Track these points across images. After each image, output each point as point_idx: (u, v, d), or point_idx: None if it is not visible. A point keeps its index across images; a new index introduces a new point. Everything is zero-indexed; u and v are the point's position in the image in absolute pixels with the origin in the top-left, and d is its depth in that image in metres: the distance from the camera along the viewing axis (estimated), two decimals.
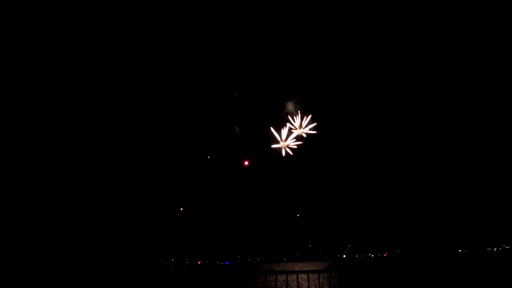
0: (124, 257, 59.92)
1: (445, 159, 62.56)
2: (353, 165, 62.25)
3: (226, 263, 66.29)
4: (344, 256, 66.31)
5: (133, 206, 60.47)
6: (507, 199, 62.22)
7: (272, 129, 43.07)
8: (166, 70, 59.01)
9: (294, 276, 22.95)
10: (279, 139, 43.79)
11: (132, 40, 56.99)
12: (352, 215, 65.20)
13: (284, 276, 15.52)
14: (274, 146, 43.66)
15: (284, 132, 43.80)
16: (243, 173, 58.34)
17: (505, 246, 70.68)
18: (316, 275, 19.09)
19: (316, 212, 64.20)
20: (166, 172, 60.37)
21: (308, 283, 15.26)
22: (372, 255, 67.19)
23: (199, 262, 62.42)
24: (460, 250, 69.67)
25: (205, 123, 58.33)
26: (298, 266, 62.00)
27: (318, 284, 14.68)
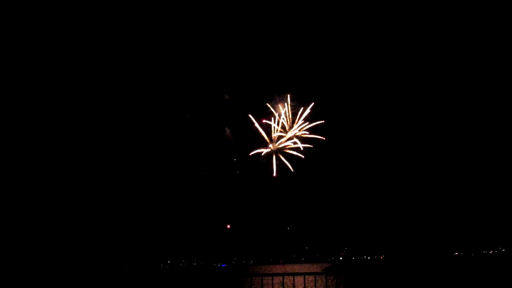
0: (120, 259, 59.72)
1: (440, 162, 62.74)
2: (350, 167, 62.09)
3: (223, 265, 66.12)
4: (341, 258, 66.52)
5: (129, 208, 60.37)
6: (503, 201, 62.52)
7: (259, 127, 41.67)
8: (157, 73, 59.02)
9: (290, 278, 23.10)
10: (267, 139, 42.32)
11: (122, 44, 56.95)
12: (348, 217, 65.11)
13: (280, 278, 15.67)
14: (258, 151, 42.31)
15: (276, 132, 42.31)
16: (237, 174, 58.18)
17: (502, 249, 70.98)
18: (313, 277, 19.21)
19: (313, 214, 63.89)
20: (161, 174, 60.39)
21: (304, 286, 15.33)
22: (369, 258, 67.40)
23: (193, 264, 62.21)
24: (456, 253, 70.08)
25: (196, 125, 59.04)
26: (294, 268, 61.64)
27: (314, 286, 14.82)
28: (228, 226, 56.23)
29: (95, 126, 59.27)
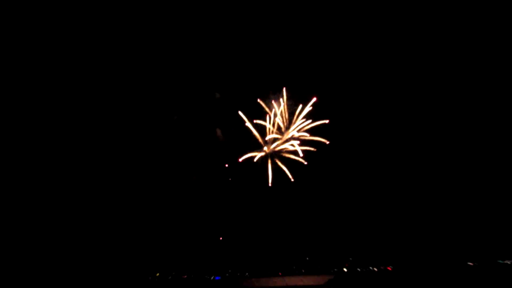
0: (103, 271, 55.73)
1: (453, 165, 58.11)
2: (354, 169, 57.72)
3: (216, 278, 61.90)
4: (345, 270, 62.58)
5: (112, 217, 56.37)
6: None
7: (251, 127, 37.45)
8: (145, 71, 54.67)
9: None
10: (261, 142, 38.40)
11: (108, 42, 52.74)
12: (353, 225, 60.71)
13: None
14: (250, 155, 38.37)
15: (271, 134, 38.13)
16: (230, 178, 54.04)
17: None
18: None
19: (314, 222, 59.36)
20: (147, 179, 56.33)
21: None
22: (376, 269, 63.45)
23: (184, 277, 57.96)
24: (470, 263, 65.88)
25: (185, 126, 54.64)
26: (294, 281, 56.83)
27: None
28: (221, 238, 51.98)
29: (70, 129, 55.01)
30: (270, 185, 45.54)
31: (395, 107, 54.25)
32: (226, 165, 52.82)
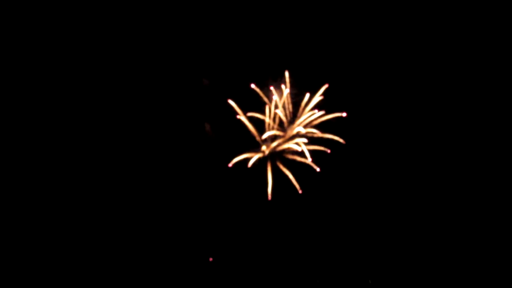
0: None
1: (498, 175, 51.97)
2: (375, 175, 50.74)
3: None
4: None
5: (89, 234, 49.10)
6: None
7: (246, 122, 31.86)
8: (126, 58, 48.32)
9: None
10: (258, 140, 34.07)
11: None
12: (373, 240, 53.00)
13: None
14: (244, 156, 34.51)
15: (271, 130, 33.34)
16: (225, 183, 48.76)
17: None
18: None
19: (325, 237, 52.47)
20: (123, 187, 50.32)
21: None
22: None
23: None
24: None
25: (166, 120, 47.60)
26: None
27: None
28: (211, 259, 46.53)
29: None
30: (269, 198, 39.69)
31: (432, 97, 44.99)
32: (220, 169, 47.99)
